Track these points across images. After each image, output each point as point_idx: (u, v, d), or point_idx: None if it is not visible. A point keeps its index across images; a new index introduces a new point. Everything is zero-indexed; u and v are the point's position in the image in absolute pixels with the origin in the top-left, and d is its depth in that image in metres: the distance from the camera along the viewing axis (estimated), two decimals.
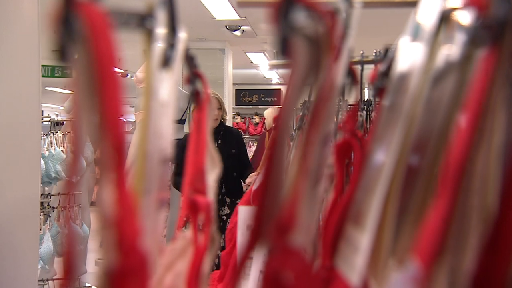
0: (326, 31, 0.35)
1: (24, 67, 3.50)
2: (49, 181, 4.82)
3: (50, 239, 4.39)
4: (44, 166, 4.56)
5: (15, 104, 3.39)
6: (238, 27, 8.19)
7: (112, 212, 0.35)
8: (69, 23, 0.34)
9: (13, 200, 3.27)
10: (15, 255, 3.26)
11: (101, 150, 0.35)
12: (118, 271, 0.35)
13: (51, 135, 4.87)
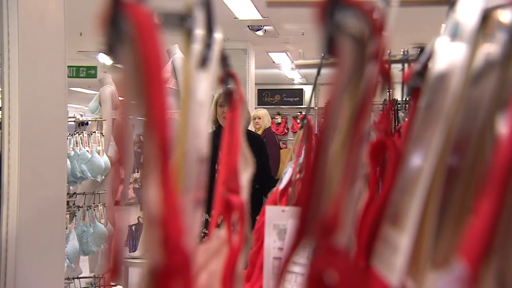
0: (371, 30, 0.35)
1: (50, 68, 3.55)
2: (74, 181, 4.88)
3: (76, 238, 4.45)
4: (69, 165, 4.62)
5: (42, 104, 3.43)
6: (260, 27, 8.20)
7: (157, 211, 0.35)
8: (117, 23, 0.34)
9: (40, 199, 3.32)
10: (42, 253, 3.31)
11: (147, 149, 0.35)
12: (162, 270, 0.35)
13: (77, 135, 4.93)
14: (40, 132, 3.37)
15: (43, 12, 3.46)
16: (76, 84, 11.32)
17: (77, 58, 9.22)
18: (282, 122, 12.78)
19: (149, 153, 0.35)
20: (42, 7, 3.46)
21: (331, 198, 0.35)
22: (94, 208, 4.83)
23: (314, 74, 6.44)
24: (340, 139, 0.35)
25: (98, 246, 4.73)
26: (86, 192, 5.12)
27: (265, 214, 1.30)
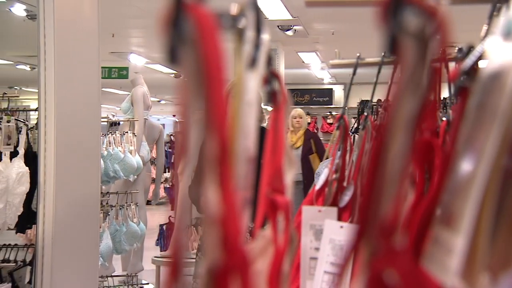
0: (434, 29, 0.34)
1: (85, 69, 3.60)
2: (107, 180, 4.94)
3: (109, 237, 4.50)
4: (103, 165, 4.68)
5: (77, 105, 3.48)
6: (290, 27, 8.18)
7: (217, 211, 0.35)
8: (179, 25, 0.35)
9: (75, 198, 3.37)
10: (77, 251, 3.36)
11: (206, 150, 0.35)
12: (222, 270, 0.35)
13: (110, 135, 4.99)
14: (75, 132, 3.42)
15: (78, 14, 3.51)
16: (108, 84, 11.47)
17: (109, 59, 9.34)
18: (312, 122, 12.74)
19: (209, 154, 0.35)
20: (77, 9, 3.52)
21: (391, 198, 0.35)
22: (127, 207, 4.89)
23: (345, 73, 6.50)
24: (401, 140, 0.35)
25: (130, 245, 4.79)
26: (119, 191, 5.18)
27: (301, 214, 1.30)
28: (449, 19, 0.35)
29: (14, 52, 8.56)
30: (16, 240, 3.59)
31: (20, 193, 2.85)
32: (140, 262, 5.84)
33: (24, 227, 3.38)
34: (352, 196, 1.36)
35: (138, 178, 5.65)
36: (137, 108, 6.07)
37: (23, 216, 3.08)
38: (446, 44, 0.35)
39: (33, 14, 5.68)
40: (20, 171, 2.84)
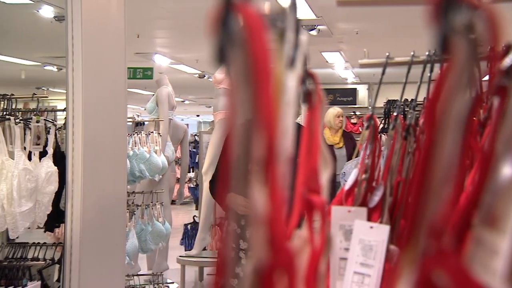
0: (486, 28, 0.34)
1: (111, 69, 3.63)
2: (133, 180, 4.98)
3: (135, 236, 4.54)
4: (128, 165, 4.72)
5: (104, 105, 3.52)
6: (314, 27, 8.15)
7: (264, 211, 0.35)
8: (228, 25, 0.35)
9: (102, 198, 3.40)
10: (105, 250, 3.39)
11: (255, 150, 0.35)
12: (268, 269, 0.35)
13: (135, 135, 5.03)
14: (102, 132, 3.46)
15: (105, 15, 3.55)
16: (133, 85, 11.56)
17: (134, 59, 9.41)
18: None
19: (256, 154, 0.35)
20: (104, 10, 3.55)
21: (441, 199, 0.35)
22: (152, 207, 4.92)
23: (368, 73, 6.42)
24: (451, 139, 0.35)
25: (156, 244, 4.82)
26: (145, 191, 5.22)
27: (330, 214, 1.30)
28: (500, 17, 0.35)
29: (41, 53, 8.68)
30: (44, 239, 3.64)
31: (49, 192, 2.89)
32: (165, 261, 5.88)
33: (53, 226, 3.42)
34: (381, 196, 1.35)
35: (163, 178, 5.69)
36: (162, 108, 6.11)
37: (52, 215, 3.12)
38: (497, 42, 0.35)
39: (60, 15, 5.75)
40: (49, 170, 2.88)
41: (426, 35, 0.46)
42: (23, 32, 7.11)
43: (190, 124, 10.80)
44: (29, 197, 2.76)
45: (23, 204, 2.72)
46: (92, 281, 3.28)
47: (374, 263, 1.26)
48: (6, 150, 2.79)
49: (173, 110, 6.35)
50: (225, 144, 0.33)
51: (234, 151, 0.35)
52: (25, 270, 2.92)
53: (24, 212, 2.72)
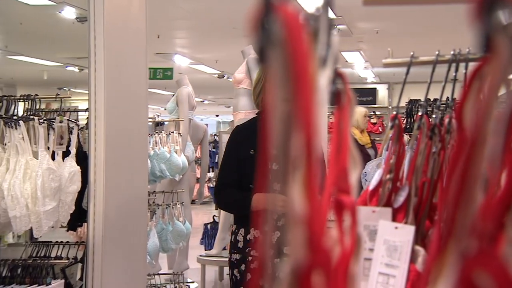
0: None
1: (133, 70, 3.66)
2: (154, 179, 5.01)
3: (156, 235, 4.57)
4: (149, 164, 4.74)
5: (125, 105, 3.54)
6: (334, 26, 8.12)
7: (302, 210, 0.35)
8: (268, 25, 0.35)
9: (124, 198, 3.43)
10: (126, 250, 3.42)
11: (292, 149, 0.36)
12: (306, 269, 0.35)
13: (156, 135, 5.06)
14: (124, 132, 3.48)
15: (126, 16, 3.58)
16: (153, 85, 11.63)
17: (154, 60, 9.47)
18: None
19: (294, 153, 0.35)
20: (126, 11, 3.58)
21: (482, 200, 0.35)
22: (173, 206, 4.94)
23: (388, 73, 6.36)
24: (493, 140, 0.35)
25: (176, 244, 4.84)
26: (165, 190, 5.25)
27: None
28: None
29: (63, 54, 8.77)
30: (66, 238, 3.68)
31: (72, 191, 2.92)
32: (185, 260, 5.91)
33: (75, 225, 3.46)
34: (406, 196, 1.34)
35: (183, 178, 5.72)
36: (182, 108, 6.14)
37: (74, 214, 3.15)
38: None
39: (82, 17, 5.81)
40: (72, 170, 2.91)
41: (446, 34, 0.45)
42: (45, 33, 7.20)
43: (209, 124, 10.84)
44: (52, 196, 2.79)
45: (47, 203, 2.75)
46: (114, 280, 3.30)
47: (399, 263, 1.26)
48: (30, 150, 2.83)
49: (193, 110, 6.38)
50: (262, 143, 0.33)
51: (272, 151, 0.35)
52: (48, 269, 2.95)
53: (48, 211, 2.75)
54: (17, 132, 2.82)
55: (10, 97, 3.04)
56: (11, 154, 2.80)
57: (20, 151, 2.80)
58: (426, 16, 7.23)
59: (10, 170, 2.75)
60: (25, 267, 2.92)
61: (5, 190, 2.69)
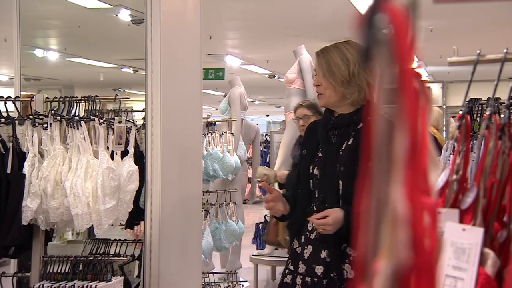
0: None
1: (188, 71, 3.71)
2: (207, 179, 5.06)
3: (210, 234, 4.61)
4: (203, 164, 4.79)
5: (181, 106, 3.59)
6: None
7: (405, 212, 0.35)
8: (375, 24, 0.34)
9: (179, 197, 3.47)
10: (182, 248, 3.47)
11: (394, 149, 0.35)
12: (409, 270, 0.35)
13: (209, 135, 5.11)
14: (179, 132, 3.53)
15: (182, 18, 3.63)
16: (204, 86, 11.74)
17: (206, 60, 9.58)
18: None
19: (397, 153, 0.35)
20: (181, 13, 3.63)
21: None
22: (226, 205, 4.98)
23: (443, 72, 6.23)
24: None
25: (229, 243, 4.88)
26: (218, 190, 5.30)
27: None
28: None
29: (119, 55, 8.95)
30: (122, 236, 3.76)
31: (131, 190, 2.98)
32: (238, 259, 5.95)
33: (132, 223, 3.52)
34: (474, 198, 1.30)
35: (235, 177, 5.76)
36: (235, 108, 6.18)
37: (131, 213, 3.21)
38: None
39: (137, 19, 5.92)
40: (131, 169, 2.97)
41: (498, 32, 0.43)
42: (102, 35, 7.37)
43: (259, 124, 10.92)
44: (112, 195, 2.85)
45: (107, 201, 2.82)
46: (171, 278, 3.36)
47: (468, 266, 1.22)
48: (91, 150, 2.90)
49: (245, 110, 6.41)
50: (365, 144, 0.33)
51: (376, 151, 0.35)
52: (108, 266, 3.02)
53: (108, 210, 2.82)
54: (79, 132, 2.90)
55: (72, 98, 3.13)
56: (73, 154, 2.88)
57: (82, 150, 2.88)
58: (481, 14, 7.05)
59: (72, 169, 2.84)
60: (86, 263, 3.00)
61: (67, 188, 2.77)
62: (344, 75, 2.45)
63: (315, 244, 2.45)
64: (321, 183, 2.48)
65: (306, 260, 2.49)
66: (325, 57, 2.52)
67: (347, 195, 2.38)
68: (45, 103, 3.11)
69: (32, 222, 2.86)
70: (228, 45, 9.54)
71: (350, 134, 2.47)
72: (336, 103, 2.52)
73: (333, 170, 2.43)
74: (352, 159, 2.39)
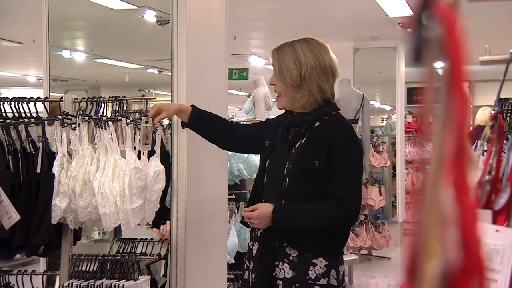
0: None
1: (213, 71, 3.72)
2: (232, 179, 5.07)
3: (235, 234, 4.62)
4: (228, 164, 4.80)
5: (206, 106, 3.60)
6: None
7: (454, 212, 0.35)
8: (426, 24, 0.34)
9: (205, 196, 3.49)
10: (208, 247, 3.48)
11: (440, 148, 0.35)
12: (460, 272, 0.35)
13: None
14: None
15: (207, 18, 3.64)
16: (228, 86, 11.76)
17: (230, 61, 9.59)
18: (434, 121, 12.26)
19: (447, 153, 0.35)
20: (207, 14, 3.64)
21: None
22: None
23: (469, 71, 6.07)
24: None
25: None
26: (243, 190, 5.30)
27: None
28: None
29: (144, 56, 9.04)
30: (148, 235, 3.79)
31: (157, 190, 3.00)
32: None
33: (159, 222, 3.55)
34: (508, 198, 1.29)
35: None
36: (259, 108, 6.18)
37: (157, 212, 3.24)
38: None
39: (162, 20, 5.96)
40: (157, 169, 2.99)
41: None
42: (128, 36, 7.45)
43: None
44: (139, 194, 2.88)
45: (134, 201, 2.85)
46: (197, 277, 3.37)
47: (501, 268, 1.21)
48: (118, 150, 2.93)
49: (269, 110, 6.41)
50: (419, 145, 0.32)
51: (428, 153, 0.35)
52: (135, 265, 3.05)
53: (135, 209, 2.84)
54: (106, 132, 2.93)
55: (100, 99, 3.16)
56: (101, 154, 2.91)
57: (109, 150, 2.91)
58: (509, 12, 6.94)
59: (100, 168, 2.87)
60: (114, 262, 3.03)
61: (95, 188, 2.80)
62: (294, 79, 2.40)
63: (261, 241, 2.44)
64: (268, 179, 2.49)
65: (253, 257, 2.50)
66: (278, 58, 2.48)
67: (291, 193, 2.38)
68: (73, 103, 3.15)
69: (61, 221, 2.90)
70: (252, 45, 9.55)
71: (305, 133, 2.44)
72: (289, 105, 2.50)
73: (281, 167, 2.42)
74: (303, 158, 2.38)
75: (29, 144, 3.02)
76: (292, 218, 2.33)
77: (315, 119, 2.44)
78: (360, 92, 7.47)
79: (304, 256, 2.35)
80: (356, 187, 2.43)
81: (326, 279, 2.34)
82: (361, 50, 9.12)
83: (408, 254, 0.36)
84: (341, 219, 2.37)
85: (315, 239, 2.35)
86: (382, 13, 7.37)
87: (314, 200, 2.37)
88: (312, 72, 2.41)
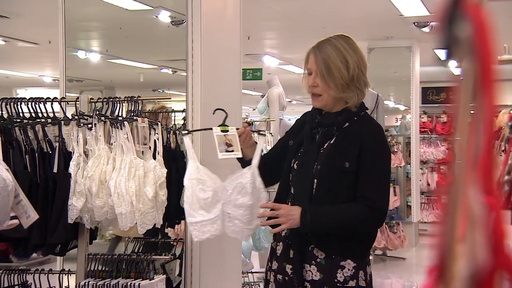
0: None
1: (228, 71, 3.72)
2: None
3: None
4: None
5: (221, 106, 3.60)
6: (427, 23, 7.91)
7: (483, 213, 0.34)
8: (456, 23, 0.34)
9: None
10: (223, 247, 3.48)
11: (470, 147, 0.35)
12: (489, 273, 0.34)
13: None
14: None
15: (222, 18, 3.64)
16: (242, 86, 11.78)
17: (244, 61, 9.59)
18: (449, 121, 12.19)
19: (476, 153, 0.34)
20: (221, 14, 3.65)
21: None
22: None
23: None
24: None
25: (268, 243, 4.86)
26: None
27: None
28: None
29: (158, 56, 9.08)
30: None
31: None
32: None
33: (173, 222, 3.56)
34: None
35: None
36: (273, 108, 6.19)
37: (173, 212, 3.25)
38: None
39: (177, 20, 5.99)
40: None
41: None
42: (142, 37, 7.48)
43: None
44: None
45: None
46: (211, 277, 3.38)
47: None
48: (134, 149, 2.94)
49: (283, 110, 6.41)
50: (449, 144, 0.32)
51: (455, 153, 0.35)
52: (150, 264, 3.06)
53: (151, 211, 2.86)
54: (122, 132, 2.94)
55: (115, 99, 3.18)
56: (117, 153, 2.93)
57: (125, 150, 2.92)
58: None
59: (116, 168, 2.88)
60: (129, 262, 3.04)
61: (112, 187, 2.81)
62: (344, 79, 2.31)
63: (285, 242, 2.39)
64: (297, 180, 2.43)
65: (278, 258, 2.45)
66: (322, 57, 2.35)
67: (319, 193, 2.34)
68: (89, 103, 3.17)
69: (78, 221, 2.91)
70: (266, 45, 9.55)
71: (334, 134, 2.39)
72: (332, 106, 2.41)
73: (310, 168, 2.37)
74: (332, 159, 2.34)
75: (46, 144, 3.05)
76: (321, 220, 2.28)
77: (346, 120, 2.39)
78: (374, 92, 7.44)
79: (331, 258, 2.32)
80: (385, 188, 2.40)
81: (354, 281, 2.31)
82: (376, 49, 9.09)
83: (436, 256, 0.36)
84: (370, 221, 2.34)
85: (343, 241, 2.32)
86: (396, 12, 7.34)
87: (341, 201, 2.33)
88: (358, 70, 2.35)
